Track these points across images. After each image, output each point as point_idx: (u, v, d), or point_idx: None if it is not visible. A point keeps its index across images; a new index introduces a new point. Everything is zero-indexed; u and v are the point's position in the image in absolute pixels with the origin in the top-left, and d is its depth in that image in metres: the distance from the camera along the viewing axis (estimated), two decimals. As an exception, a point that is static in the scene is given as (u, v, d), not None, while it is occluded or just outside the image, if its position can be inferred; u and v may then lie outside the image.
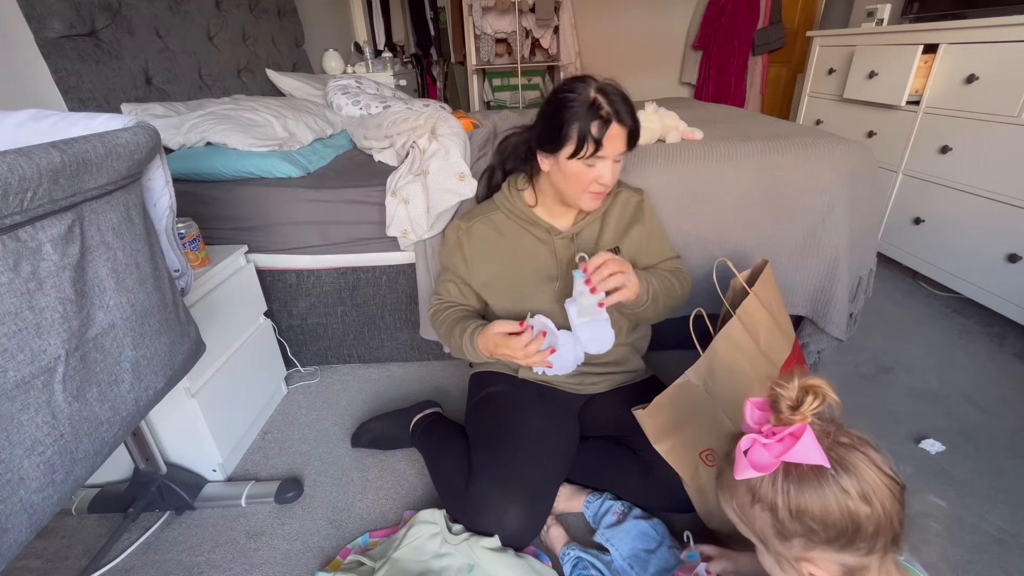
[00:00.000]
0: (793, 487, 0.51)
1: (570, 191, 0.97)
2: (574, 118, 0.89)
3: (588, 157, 0.91)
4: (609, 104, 0.89)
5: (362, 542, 1.04)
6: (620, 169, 0.97)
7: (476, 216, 1.07)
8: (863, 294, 1.44)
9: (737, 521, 0.59)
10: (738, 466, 0.54)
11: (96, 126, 0.68)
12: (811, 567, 0.53)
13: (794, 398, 0.52)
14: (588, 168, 0.93)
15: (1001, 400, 1.35)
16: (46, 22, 1.25)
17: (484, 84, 3.91)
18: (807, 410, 0.52)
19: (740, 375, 0.88)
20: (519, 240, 1.05)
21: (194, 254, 1.15)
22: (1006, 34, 1.56)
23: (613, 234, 1.06)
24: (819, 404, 0.52)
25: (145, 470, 1.11)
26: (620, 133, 0.91)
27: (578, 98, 0.90)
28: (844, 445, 0.52)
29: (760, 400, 0.57)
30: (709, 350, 0.87)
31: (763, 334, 0.92)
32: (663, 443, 0.90)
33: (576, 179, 0.94)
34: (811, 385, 0.52)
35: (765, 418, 0.55)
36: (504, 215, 1.06)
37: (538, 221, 1.04)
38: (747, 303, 0.91)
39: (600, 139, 0.89)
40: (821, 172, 1.31)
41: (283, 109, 1.66)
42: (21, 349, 0.54)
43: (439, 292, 1.12)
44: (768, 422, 0.54)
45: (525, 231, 1.05)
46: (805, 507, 0.51)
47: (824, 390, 0.52)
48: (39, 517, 0.58)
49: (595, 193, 0.97)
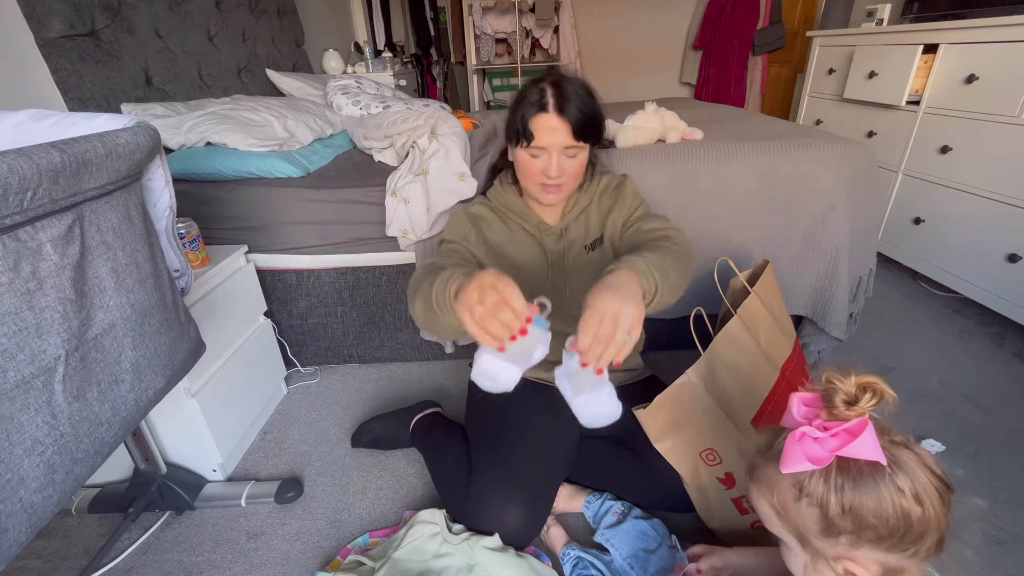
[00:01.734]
0: (848, 483, 0.50)
1: (524, 182, 0.99)
2: (519, 107, 0.92)
3: (527, 147, 0.92)
4: (554, 96, 0.89)
5: (362, 542, 1.04)
6: (577, 165, 0.94)
7: (476, 202, 1.09)
8: (863, 294, 1.44)
9: (772, 517, 0.58)
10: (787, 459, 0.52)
11: (96, 126, 0.69)
12: (852, 565, 0.52)
13: (851, 393, 0.51)
14: (532, 159, 0.94)
15: (1001, 400, 1.35)
16: (46, 22, 1.25)
17: (484, 84, 3.91)
18: (865, 406, 0.51)
19: (741, 375, 0.88)
20: (512, 231, 1.06)
21: (194, 254, 1.15)
22: (1006, 34, 1.56)
23: (598, 223, 1.05)
24: (877, 401, 0.51)
25: (145, 470, 1.11)
26: (559, 125, 0.89)
27: (531, 88, 0.92)
28: (897, 443, 0.52)
29: (808, 395, 0.55)
30: (709, 349, 0.86)
31: (764, 334, 0.92)
32: (663, 442, 0.90)
33: (525, 169, 0.95)
34: (869, 382, 0.51)
35: (814, 413, 0.54)
36: (500, 206, 1.07)
37: (528, 215, 1.05)
38: (748, 302, 0.90)
39: (527, 127, 0.90)
40: (821, 172, 1.31)
41: (283, 109, 1.66)
42: (21, 349, 0.54)
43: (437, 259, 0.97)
44: (818, 417, 0.53)
45: (517, 224, 1.06)
46: (859, 504, 0.50)
47: (882, 387, 0.51)
48: (39, 517, 0.58)
49: (544, 185, 0.96)
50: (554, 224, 1.05)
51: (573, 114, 0.89)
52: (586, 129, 0.92)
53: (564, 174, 0.94)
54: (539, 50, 3.77)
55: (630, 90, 3.86)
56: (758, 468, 0.59)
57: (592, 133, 0.94)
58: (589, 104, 0.92)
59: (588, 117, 0.91)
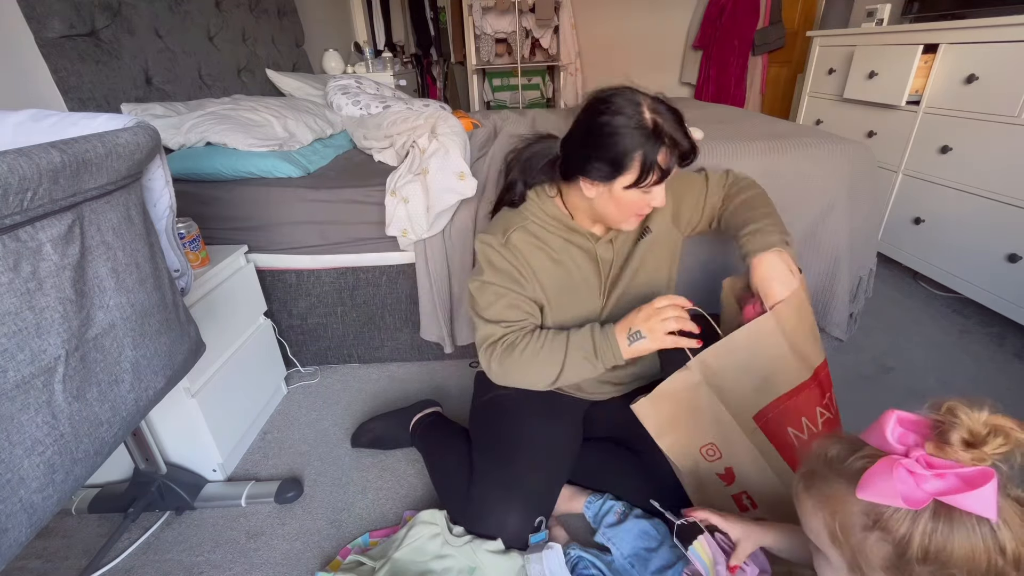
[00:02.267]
0: (943, 530, 0.43)
1: (617, 216, 0.90)
2: (634, 147, 0.81)
3: (654, 185, 0.84)
4: (669, 128, 0.81)
5: (362, 542, 1.04)
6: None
7: (510, 227, 0.95)
8: (863, 294, 1.44)
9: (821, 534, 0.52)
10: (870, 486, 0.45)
11: (96, 126, 0.68)
12: None
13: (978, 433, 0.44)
14: (644, 195, 0.86)
15: (1001, 400, 1.34)
16: (46, 22, 1.25)
17: (484, 84, 3.91)
18: (990, 451, 0.43)
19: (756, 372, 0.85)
20: (562, 248, 0.96)
21: (194, 254, 1.15)
22: (1006, 34, 1.56)
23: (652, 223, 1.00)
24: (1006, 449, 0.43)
25: (145, 470, 1.11)
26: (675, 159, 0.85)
27: (631, 123, 0.81)
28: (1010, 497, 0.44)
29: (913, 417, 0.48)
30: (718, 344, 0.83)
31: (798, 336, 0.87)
32: (664, 438, 0.88)
33: (630, 207, 0.87)
34: (1003, 425, 0.44)
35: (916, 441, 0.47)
36: (539, 225, 0.96)
37: (578, 228, 0.96)
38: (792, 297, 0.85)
39: (669, 168, 0.83)
40: (821, 172, 1.31)
41: (283, 109, 1.66)
42: (21, 349, 0.54)
43: (504, 320, 0.93)
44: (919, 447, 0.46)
45: (565, 240, 0.96)
46: (948, 556, 0.43)
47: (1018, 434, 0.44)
48: (39, 517, 0.58)
49: (640, 215, 0.91)
50: (602, 234, 0.98)
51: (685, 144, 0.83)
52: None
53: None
54: (539, 50, 3.77)
55: (630, 90, 3.85)
56: (820, 479, 0.52)
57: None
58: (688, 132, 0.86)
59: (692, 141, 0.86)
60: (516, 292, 0.94)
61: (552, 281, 0.96)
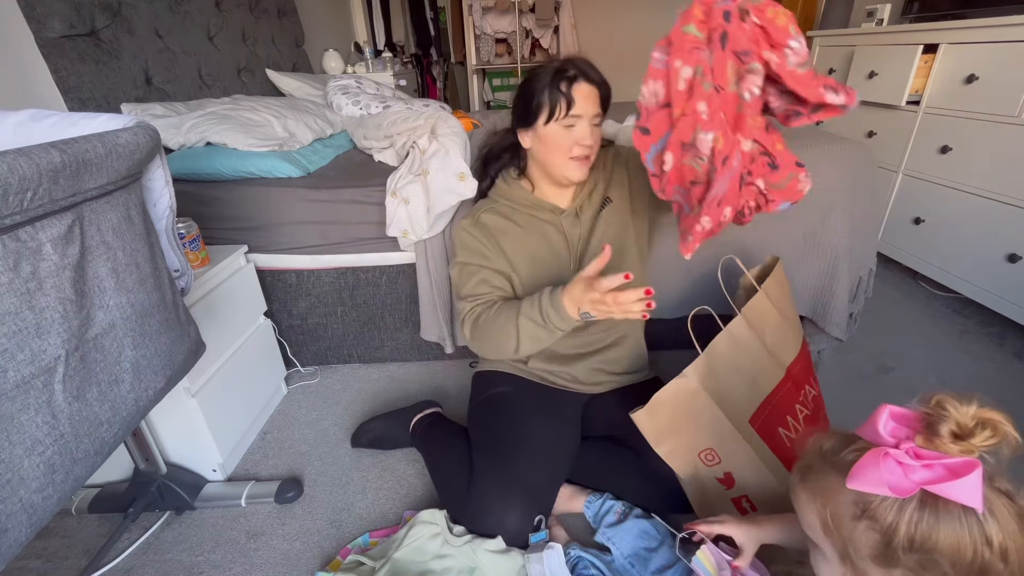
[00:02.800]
0: (928, 519, 0.44)
1: (555, 161, 0.98)
2: (543, 85, 0.94)
3: (564, 117, 0.93)
4: (574, 66, 0.93)
5: (362, 542, 1.04)
6: (599, 135, 0.99)
7: (479, 209, 1.07)
8: (863, 294, 1.44)
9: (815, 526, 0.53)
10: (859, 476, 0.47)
11: (96, 126, 0.68)
12: None
13: (966, 426, 0.45)
14: (567, 130, 0.95)
15: (1001, 400, 1.34)
16: (46, 22, 1.25)
17: (484, 84, 3.91)
18: (977, 443, 0.45)
19: (743, 374, 0.87)
20: (529, 224, 1.05)
21: (194, 254, 1.15)
22: (1006, 34, 1.56)
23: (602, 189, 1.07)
24: (994, 442, 0.45)
25: (145, 470, 1.11)
26: (590, 91, 0.94)
27: (544, 69, 0.95)
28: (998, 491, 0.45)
29: (904, 412, 0.49)
30: (709, 348, 0.85)
31: (771, 333, 0.91)
32: (663, 445, 0.88)
33: (557, 145, 0.96)
34: (990, 418, 0.45)
35: (907, 434, 0.48)
36: (507, 204, 1.06)
37: (540, 204, 1.05)
38: (755, 301, 0.90)
39: (570, 94, 0.92)
40: (821, 172, 1.30)
41: (283, 109, 1.66)
42: (21, 349, 0.54)
43: (474, 294, 1.01)
44: (909, 440, 0.47)
45: (531, 216, 1.05)
46: (934, 543, 0.44)
47: (1006, 428, 0.45)
48: (39, 517, 0.58)
49: (578, 158, 0.97)
50: (567, 207, 1.05)
51: (596, 78, 0.95)
52: (607, 98, 0.97)
53: (596, 141, 0.98)
54: (539, 50, 3.78)
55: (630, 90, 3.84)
56: (814, 472, 0.54)
57: (607, 102, 0.99)
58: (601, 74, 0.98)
59: (607, 85, 0.98)
60: (486, 268, 1.01)
61: (521, 254, 1.03)
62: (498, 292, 1.01)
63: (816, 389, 1.01)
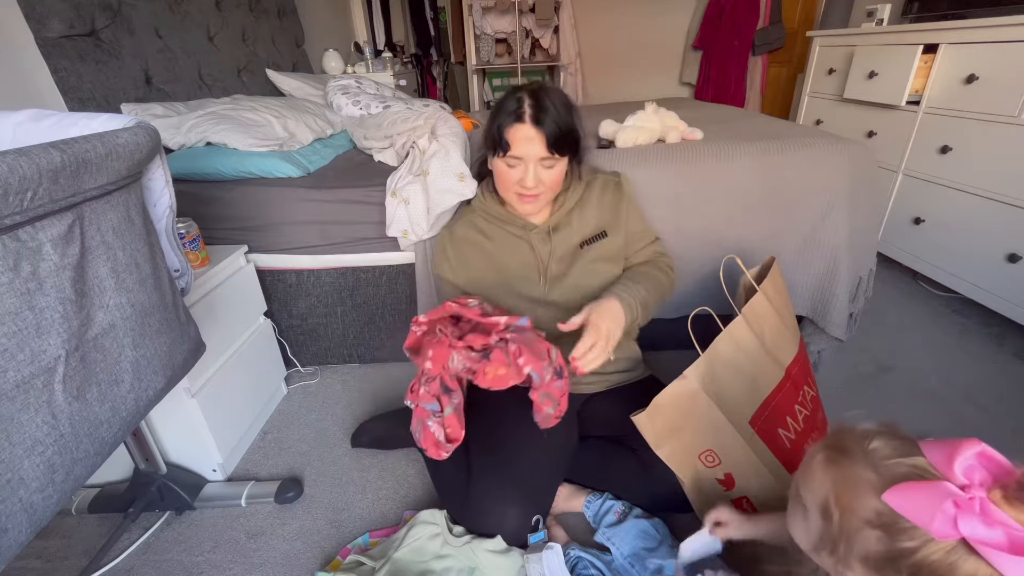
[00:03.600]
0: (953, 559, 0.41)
1: (502, 191, 1.00)
2: (497, 116, 0.93)
3: (504, 157, 0.93)
4: (531, 106, 0.90)
5: (362, 542, 1.04)
6: (555, 175, 0.95)
7: (457, 220, 1.11)
8: (863, 294, 1.44)
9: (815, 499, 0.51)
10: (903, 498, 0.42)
11: (96, 126, 0.68)
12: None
13: None
14: (509, 169, 0.94)
15: (1001, 400, 1.35)
16: (46, 22, 1.25)
17: (484, 84, 3.91)
18: None
19: (743, 375, 0.87)
20: (500, 239, 1.06)
21: (194, 254, 1.15)
22: (1006, 34, 1.56)
23: (595, 219, 1.05)
24: None
25: (145, 470, 1.11)
26: (535, 135, 0.90)
27: (510, 98, 0.93)
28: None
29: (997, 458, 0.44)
30: (709, 350, 0.85)
31: (769, 333, 0.91)
32: (664, 448, 0.88)
33: (501, 179, 0.97)
34: None
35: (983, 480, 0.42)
36: (482, 217, 1.08)
37: (512, 219, 1.05)
38: (754, 302, 0.89)
39: (503, 136, 0.91)
40: (821, 172, 1.31)
41: (283, 109, 1.66)
42: (21, 349, 0.54)
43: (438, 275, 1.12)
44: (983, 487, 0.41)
45: (503, 230, 1.06)
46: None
47: None
48: (39, 517, 0.58)
49: (521, 195, 0.96)
50: (541, 223, 1.05)
51: (549, 125, 0.90)
52: (561, 141, 0.92)
53: (541, 184, 0.94)
54: (539, 50, 3.77)
55: (630, 90, 3.86)
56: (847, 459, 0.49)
57: (568, 145, 0.94)
58: (566, 116, 0.92)
59: (564, 130, 0.91)
60: (447, 281, 1.09)
61: (484, 267, 1.06)
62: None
63: (814, 390, 1.01)
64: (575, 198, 1.05)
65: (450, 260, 1.08)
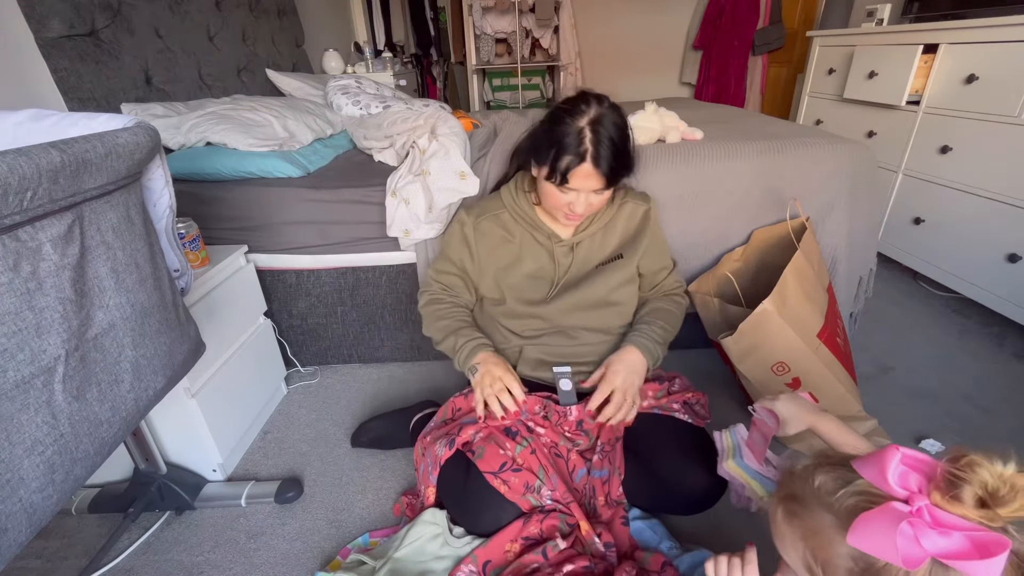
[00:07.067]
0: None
1: (546, 204, 1.00)
2: (555, 143, 0.89)
3: (559, 184, 0.91)
4: (593, 142, 0.88)
5: (362, 542, 1.04)
6: (603, 200, 0.96)
7: (485, 212, 1.07)
8: (863, 294, 1.44)
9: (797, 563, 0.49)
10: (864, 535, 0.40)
11: (96, 126, 0.68)
12: None
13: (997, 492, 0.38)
14: (561, 193, 0.93)
15: (1001, 400, 1.35)
16: (46, 22, 1.25)
17: (484, 84, 3.91)
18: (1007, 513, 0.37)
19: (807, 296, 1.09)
20: (523, 241, 1.06)
21: (194, 254, 1.14)
22: (1006, 34, 1.56)
23: (618, 243, 1.06)
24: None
25: (145, 470, 1.11)
26: (592, 173, 0.89)
27: (570, 123, 0.89)
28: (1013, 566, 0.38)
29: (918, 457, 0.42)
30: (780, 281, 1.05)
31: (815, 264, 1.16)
32: (744, 363, 1.12)
33: (549, 198, 0.96)
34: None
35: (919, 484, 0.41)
36: (510, 215, 1.07)
37: (541, 226, 1.05)
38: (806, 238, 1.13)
39: (566, 175, 0.89)
40: (821, 172, 1.31)
41: (283, 109, 1.66)
42: (21, 349, 0.54)
43: (440, 281, 1.11)
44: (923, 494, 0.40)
45: (528, 234, 1.06)
46: None
47: None
48: (39, 517, 0.58)
49: (567, 215, 0.97)
50: (567, 238, 1.05)
51: (608, 165, 0.89)
52: (617, 175, 0.92)
53: (590, 207, 0.95)
54: (539, 50, 3.77)
55: (630, 90, 3.86)
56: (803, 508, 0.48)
57: (621, 176, 0.94)
58: (624, 149, 0.91)
59: (622, 165, 0.91)
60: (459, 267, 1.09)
61: (503, 266, 1.06)
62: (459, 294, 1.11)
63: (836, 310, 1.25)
64: (604, 220, 1.05)
65: (472, 251, 1.06)
